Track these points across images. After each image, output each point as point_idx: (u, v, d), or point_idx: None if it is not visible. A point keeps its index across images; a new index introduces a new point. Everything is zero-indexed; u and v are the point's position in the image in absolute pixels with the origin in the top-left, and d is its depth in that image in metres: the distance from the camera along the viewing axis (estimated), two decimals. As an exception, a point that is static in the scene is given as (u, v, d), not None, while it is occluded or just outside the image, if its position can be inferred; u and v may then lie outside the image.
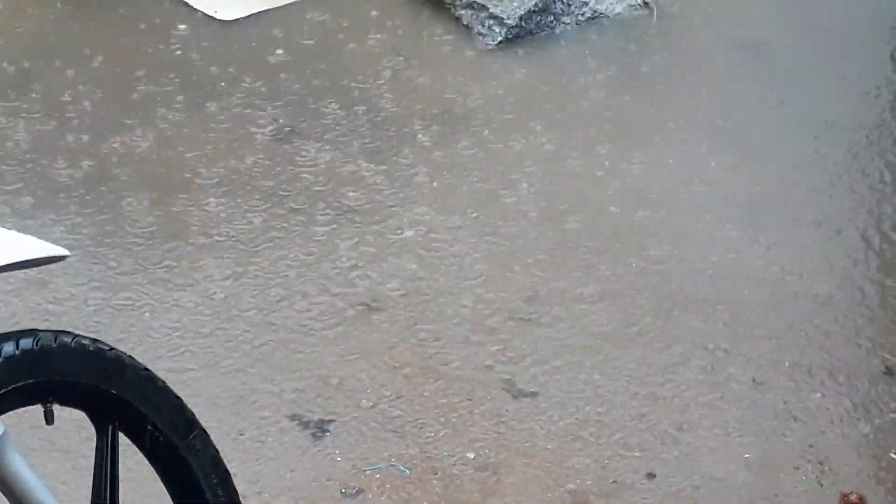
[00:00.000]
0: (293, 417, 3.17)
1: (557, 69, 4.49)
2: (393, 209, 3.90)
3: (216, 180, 4.00)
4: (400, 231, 3.81)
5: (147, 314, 3.48)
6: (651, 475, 3.01)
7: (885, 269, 3.66)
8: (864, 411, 3.19)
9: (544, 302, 3.54)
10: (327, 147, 4.15)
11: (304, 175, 4.02)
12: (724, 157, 4.16)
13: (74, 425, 2.91)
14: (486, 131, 4.26)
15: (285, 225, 3.82)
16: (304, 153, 4.13)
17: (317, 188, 3.97)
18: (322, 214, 3.85)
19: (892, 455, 3.06)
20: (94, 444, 2.21)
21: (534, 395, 3.24)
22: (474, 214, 3.87)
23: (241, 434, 3.09)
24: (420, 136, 4.23)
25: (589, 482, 3.00)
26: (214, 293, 3.56)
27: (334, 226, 3.80)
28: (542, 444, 3.10)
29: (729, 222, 3.83)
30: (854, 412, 3.19)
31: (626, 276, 3.63)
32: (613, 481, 3.00)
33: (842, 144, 4.21)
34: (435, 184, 4.00)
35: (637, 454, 3.06)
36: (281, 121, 4.26)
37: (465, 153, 4.15)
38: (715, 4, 4.58)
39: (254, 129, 4.24)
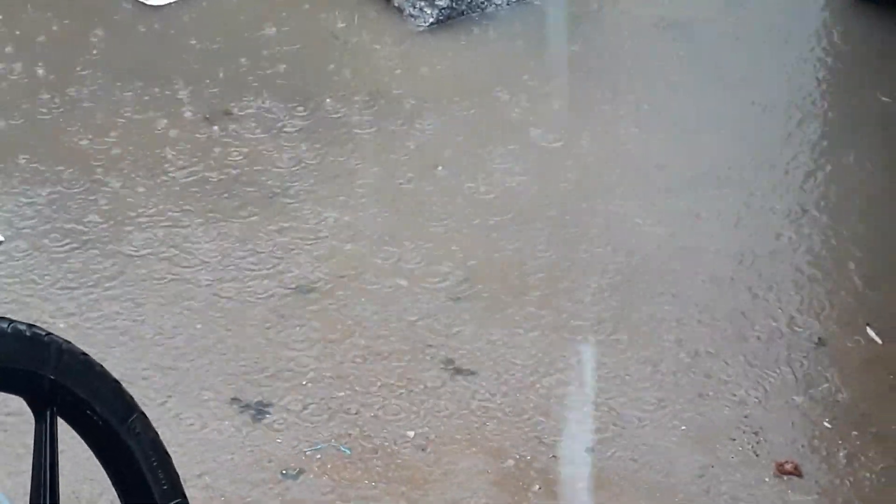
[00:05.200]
0: (232, 400, 3.13)
1: (488, 50, 4.49)
2: (324, 192, 3.86)
3: (142, 165, 3.99)
4: (332, 213, 3.80)
5: (81, 299, 3.49)
6: (590, 449, 3.01)
7: (814, 245, 3.69)
8: (797, 382, 3.19)
9: (479, 280, 3.53)
10: (257, 131, 4.12)
11: (231, 159, 3.98)
12: (655, 134, 4.19)
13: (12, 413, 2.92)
14: (417, 113, 4.23)
15: (217, 209, 3.79)
16: (231, 137, 4.11)
17: (246, 172, 3.93)
18: (253, 198, 3.81)
19: (826, 424, 3.07)
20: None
21: (472, 373, 3.22)
22: (407, 195, 3.86)
23: (180, 418, 3.05)
24: (350, 118, 4.21)
25: (528, 457, 2.98)
26: (147, 274, 3.52)
27: (265, 209, 3.77)
28: (481, 422, 3.08)
29: (662, 197, 3.85)
30: (788, 384, 3.19)
31: (561, 254, 3.63)
32: (553, 456, 2.98)
33: (771, 121, 4.25)
34: (366, 166, 3.99)
35: (575, 429, 3.06)
36: (208, 105, 4.23)
37: (395, 135, 4.14)
38: (643, -15, 4.62)
39: (181, 113, 4.22)
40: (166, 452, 2.48)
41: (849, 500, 2.87)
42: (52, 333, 2.21)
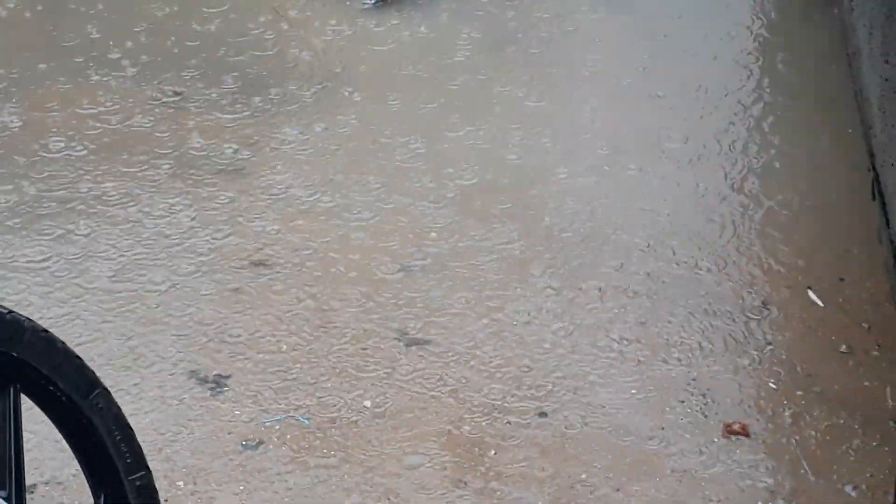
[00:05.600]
0: (191, 374, 3.14)
1: (434, 28, 4.51)
2: (277, 168, 3.88)
3: (95, 142, 3.99)
4: (284, 189, 3.80)
5: (40, 274, 3.49)
6: (543, 413, 3.02)
7: (755, 212, 3.72)
8: (742, 345, 3.22)
9: (431, 253, 3.54)
10: (204, 108, 4.13)
11: (182, 135, 4.00)
12: (597, 104, 4.23)
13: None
14: (363, 91, 4.25)
15: (169, 185, 3.80)
16: (182, 114, 4.11)
17: (197, 148, 3.95)
18: (207, 174, 3.82)
19: (771, 385, 3.10)
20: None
21: (426, 342, 3.24)
22: (357, 171, 3.87)
23: (140, 392, 3.06)
24: (298, 96, 4.22)
25: (484, 424, 3.00)
26: (101, 250, 3.53)
27: (218, 186, 3.78)
28: (437, 390, 3.10)
29: (608, 164, 3.88)
30: (733, 346, 3.22)
31: (512, 224, 3.65)
32: (507, 422, 3.00)
33: (710, 92, 4.30)
34: (316, 142, 4.00)
35: (529, 395, 3.07)
36: (156, 83, 4.24)
37: (343, 112, 4.15)
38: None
39: (130, 91, 4.22)
40: (129, 426, 2.50)
41: (795, 458, 2.89)
42: (14, 311, 2.22)
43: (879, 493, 2.79)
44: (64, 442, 2.44)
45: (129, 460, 2.47)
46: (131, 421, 2.39)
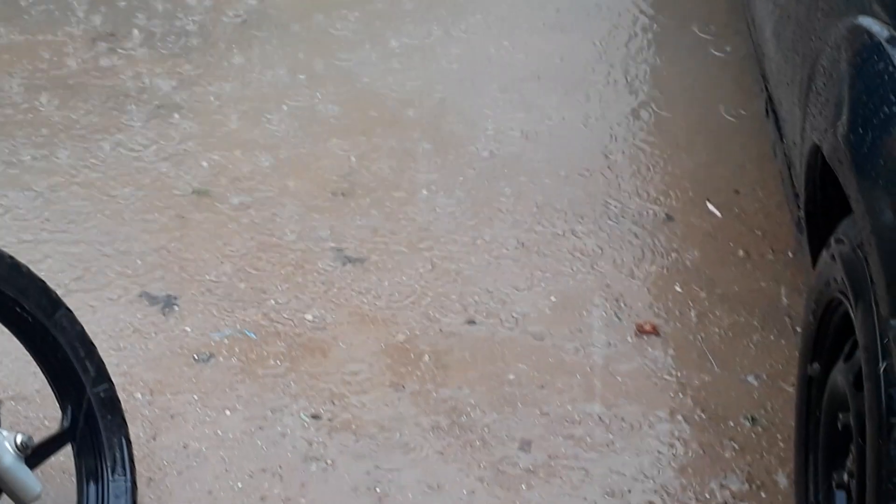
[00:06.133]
0: (141, 295, 3.24)
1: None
2: (212, 101, 3.96)
3: (40, 81, 4.05)
4: (221, 120, 3.89)
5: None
6: (471, 322, 3.15)
7: (656, 129, 3.84)
8: (650, 252, 3.37)
9: (363, 176, 3.66)
10: (142, 47, 4.22)
11: (122, 74, 4.07)
12: (514, 38, 4.36)
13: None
14: (291, 22, 4.34)
15: (112, 120, 3.87)
16: (120, 53, 4.20)
17: (136, 85, 4.03)
18: (146, 110, 3.91)
19: (677, 289, 3.25)
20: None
21: (361, 260, 3.36)
22: (290, 101, 3.97)
23: (95, 313, 3.15)
24: (230, 30, 4.30)
25: (417, 333, 3.12)
26: (56, 184, 3.60)
27: (158, 119, 3.86)
28: (373, 304, 3.21)
29: (520, 91, 4.02)
30: (642, 255, 3.36)
31: (435, 146, 3.77)
32: (439, 330, 3.13)
33: (604, 27, 4.46)
34: (250, 73, 4.09)
35: (458, 306, 3.20)
36: (94, 23, 4.32)
37: (274, 43, 4.23)
38: None
39: (69, 33, 4.29)
40: (91, 343, 2.61)
41: (701, 352, 3.05)
42: (-20, 239, 2.33)
43: (778, 381, 2.95)
44: (26, 360, 2.56)
45: (92, 374, 2.58)
46: (91, 339, 2.53)
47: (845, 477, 2.24)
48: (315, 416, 2.91)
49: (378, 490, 2.72)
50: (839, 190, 2.13)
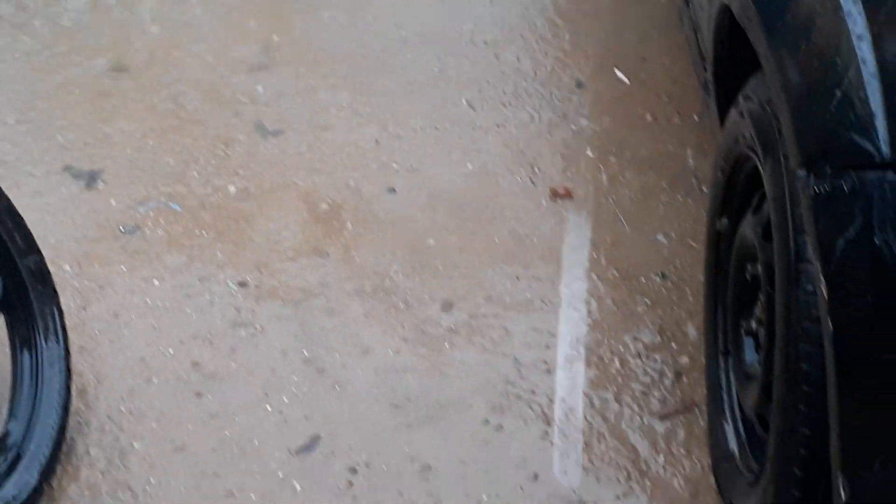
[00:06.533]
0: (65, 169, 3.23)
1: None
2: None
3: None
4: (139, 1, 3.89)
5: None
6: (392, 189, 3.19)
7: (560, 2, 3.88)
8: (562, 120, 3.41)
9: (278, 51, 3.66)
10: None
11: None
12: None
13: None
14: None
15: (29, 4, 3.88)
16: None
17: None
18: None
19: (589, 154, 3.29)
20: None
21: (280, 132, 3.37)
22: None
23: (20, 189, 3.13)
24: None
25: (339, 202, 3.15)
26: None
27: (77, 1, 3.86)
28: (294, 174, 3.24)
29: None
30: (554, 122, 3.40)
31: (348, 17, 3.79)
32: (360, 198, 3.16)
33: None
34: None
35: (380, 176, 3.23)
36: None
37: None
38: None
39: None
40: (19, 215, 2.59)
41: (613, 214, 3.11)
42: None
43: (686, 238, 3.02)
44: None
45: (21, 246, 2.56)
46: (19, 213, 2.47)
47: (753, 324, 2.31)
48: (242, 284, 2.94)
49: (306, 353, 2.76)
50: (747, 49, 2.17)
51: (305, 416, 2.63)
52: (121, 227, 3.07)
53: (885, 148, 1.76)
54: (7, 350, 2.55)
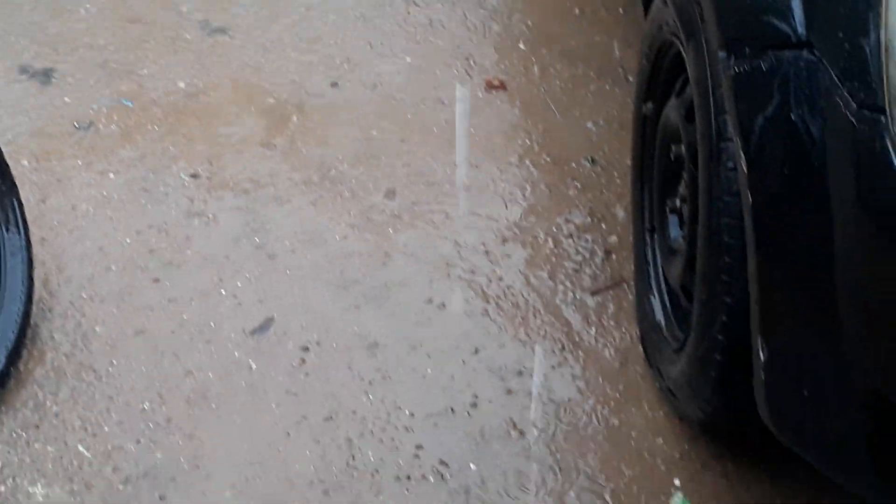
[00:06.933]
0: (19, 69, 3.26)
1: None
2: None
3: None
4: None
5: None
6: (335, 84, 3.25)
7: None
8: (495, 14, 3.47)
9: None
10: None
11: None
12: None
13: None
14: None
15: None
16: None
17: None
18: None
19: (521, 46, 3.36)
20: None
21: (227, 30, 3.41)
22: None
23: None
24: None
25: (285, 96, 3.20)
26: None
27: None
28: (241, 70, 3.28)
29: None
30: (487, 18, 3.47)
31: None
32: (305, 93, 3.21)
33: None
34: None
35: (320, 70, 3.28)
36: None
37: None
38: None
39: None
40: None
41: (545, 103, 3.18)
42: None
43: (614, 125, 3.10)
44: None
45: None
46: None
47: (677, 202, 2.38)
48: (194, 176, 2.99)
49: (257, 239, 2.82)
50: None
51: (259, 299, 2.69)
52: (76, 123, 3.12)
53: (801, 29, 1.80)
54: (-31, 240, 2.58)
